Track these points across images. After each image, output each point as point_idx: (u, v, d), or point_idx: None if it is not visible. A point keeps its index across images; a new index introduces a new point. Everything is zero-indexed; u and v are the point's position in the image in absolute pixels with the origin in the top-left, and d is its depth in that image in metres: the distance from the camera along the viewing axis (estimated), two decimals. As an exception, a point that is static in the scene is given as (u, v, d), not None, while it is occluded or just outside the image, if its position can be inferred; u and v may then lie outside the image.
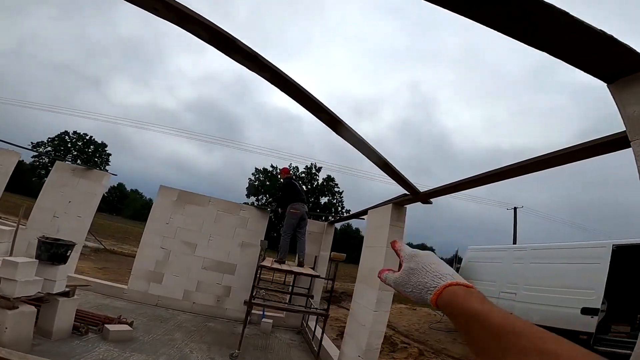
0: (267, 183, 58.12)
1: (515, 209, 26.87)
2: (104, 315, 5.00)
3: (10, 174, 7.90)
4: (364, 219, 6.52)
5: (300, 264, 5.96)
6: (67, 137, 58.56)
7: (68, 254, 3.63)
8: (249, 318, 4.98)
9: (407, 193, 3.75)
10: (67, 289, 3.93)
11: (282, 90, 1.97)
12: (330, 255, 4.43)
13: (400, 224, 4.01)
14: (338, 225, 7.68)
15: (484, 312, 0.40)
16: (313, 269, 6.87)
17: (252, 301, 4.73)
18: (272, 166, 59.71)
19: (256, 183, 58.80)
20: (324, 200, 59.64)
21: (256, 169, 60.88)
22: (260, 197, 57.03)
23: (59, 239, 3.76)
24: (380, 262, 3.87)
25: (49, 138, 58.37)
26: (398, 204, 4.01)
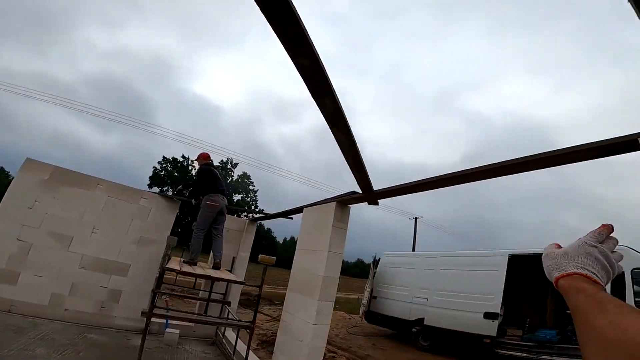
0: (176, 174, 53.00)
1: (415, 219, 29.58)
2: None
3: None
4: (292, 218, 5.90)
5: (216, 266, 5.00)
6: None
7: None
8: (148, 328, 3.84)
9: (355, 191, 3.24)
10: None
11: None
12: (257, 258, 3.65)
13: (343, 225, 3.49)
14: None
15: (592, 289, 0.50)
16: (230, 271, 5.94)
17: (153, 312, 3.63)
18: (183, 156, 54.79)
19: (162, 173, 53.16)
20: (237, 197, 57.15)
21: (164, 157, 55.08)
22: (166, 187, 51.74)
23: None
24: (321, 267, 3.27)
25: None
26: (343, 202, 3.48)
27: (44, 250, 5.09)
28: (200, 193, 5.29)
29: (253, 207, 56.08)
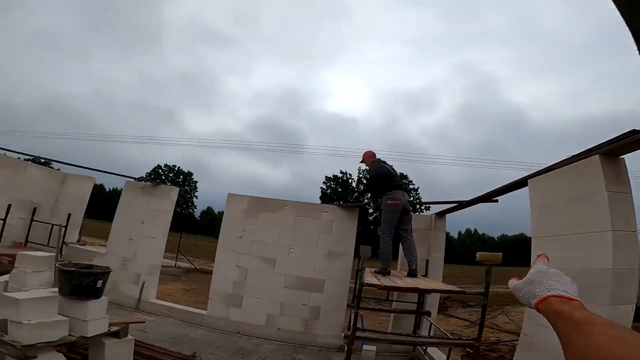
0: (339, 190, 57.15)
1: None
2: (177, 352, 4.05)
3: (88, 198, 7.94)
4: (496, 201, 4.62)
5: (412, 273, 4.29)
6: (160, 170, 65.75)
7: (99, 285, 2.59)
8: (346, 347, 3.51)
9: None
10: (114, 328, 2.94)
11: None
12: (476, 256, 2.71)
13: (623, 187, 2.13)
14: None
15: (568, 310, 0.50)
16: (425, 276, 5.13)
17: (356, 334, 3.21)
18: (341, 172, 58.77)
19: (328, 191, 58.30)
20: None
21: (326, 177, 60.54)
22: (335, 204, 56.27)
23: (91, 265, 2.79)
24: (600, 258, 2.04)
25: (146, 173, 66.30)
26: (613, 152, 2.15)
27: (256, 273, 5.63)
28: (378, 194, 4.77)
29: (418, 206, 53.96)
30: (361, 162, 5.28)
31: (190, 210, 66.36)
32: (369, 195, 5.07)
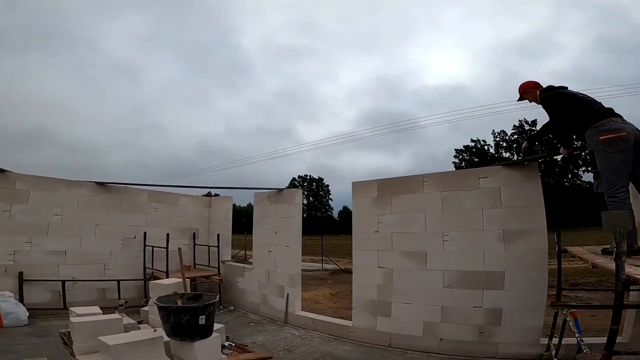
0: (476, 160, 50.22)
1: None
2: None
3: (231, 216, 8.39)
4: None
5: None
6: (295, 182, 72.15)
7: (202, 322, 1.95)
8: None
9: None
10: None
11: None
12: None
13: None
14: None
15: None
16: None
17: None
18: (472, 140, 51.79)
19: (463, 164, 52.07)
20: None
21: (456, 149, 54.37)
22: (496, 164, 50.07)
23: (199, 295, 2.22)
24: None
25: (286, 187, 73.60)
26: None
27: (404, 273, 4.49)
28: (573, 131, 2.98)
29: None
30: (521, 95, 3.50)
31: (330, 213, 70.43)
32: (556, 136, 3.26)
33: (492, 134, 52.49)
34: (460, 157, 53.96)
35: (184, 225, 7.93)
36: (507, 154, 49.89)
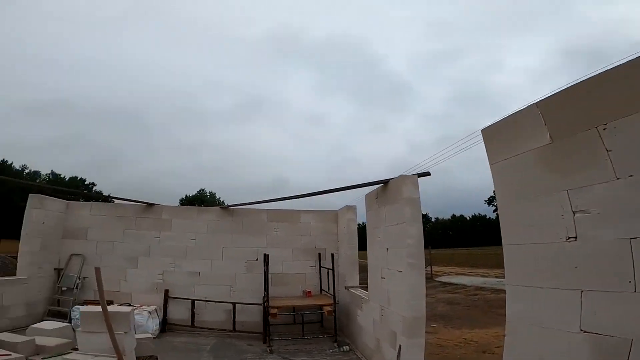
0: None
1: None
2: None
3: (356, 230, 6.84)
4: None
5: None
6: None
7: None
8: None
9: None
10: None
11: None
12: None
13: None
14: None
15: None
16: None
17: None
18: None
19: None
20: None
21: None
22: None
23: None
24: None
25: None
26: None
27: None
28: None
29: None
30: None
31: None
32: None
33: None
34: None
35: (308, 245, 7.12)
36: None
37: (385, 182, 4.55)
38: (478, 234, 65.94)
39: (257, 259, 6.71)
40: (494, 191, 2.98)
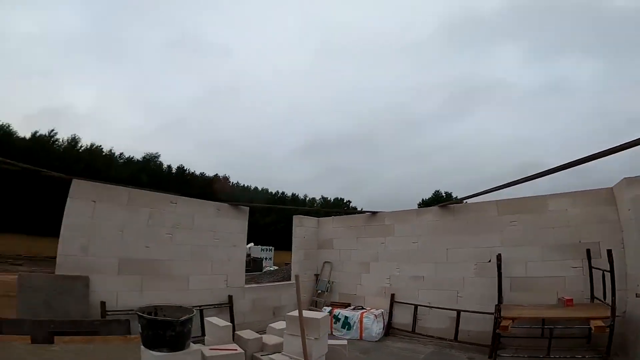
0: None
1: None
2: None
3: None
4: None
5: None
6: None
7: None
8: None
9: None
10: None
11: None
12: None
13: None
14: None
15: None
16: None
17: None
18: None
19: None
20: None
21: None
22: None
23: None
24: None
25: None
26: None
27: None
28: None
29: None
30: None
31: None
32: None
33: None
34: None
35: (566, 239, 5.15)
36: None
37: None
38: None
39: (489, 261, 5.53)
40: None
